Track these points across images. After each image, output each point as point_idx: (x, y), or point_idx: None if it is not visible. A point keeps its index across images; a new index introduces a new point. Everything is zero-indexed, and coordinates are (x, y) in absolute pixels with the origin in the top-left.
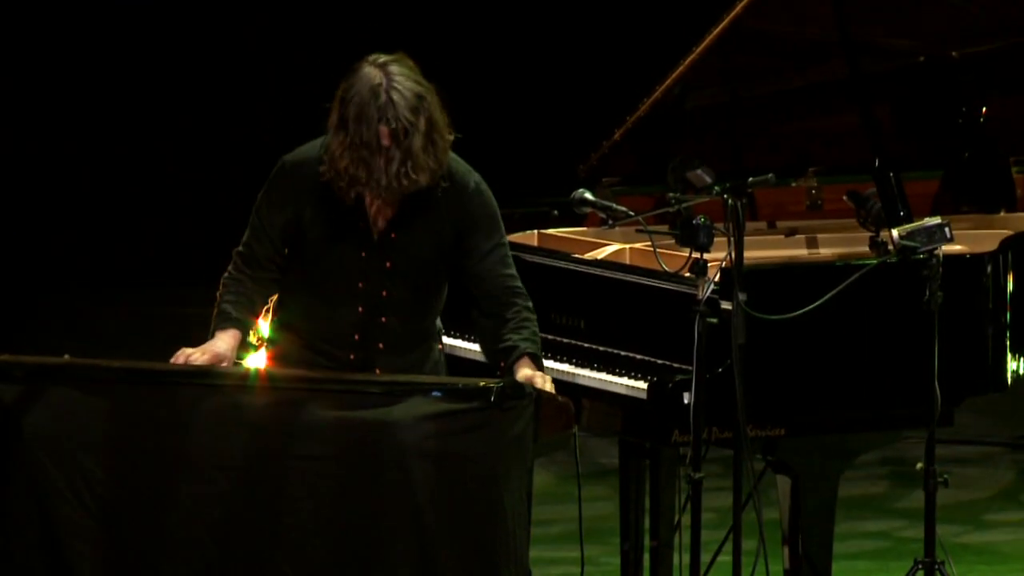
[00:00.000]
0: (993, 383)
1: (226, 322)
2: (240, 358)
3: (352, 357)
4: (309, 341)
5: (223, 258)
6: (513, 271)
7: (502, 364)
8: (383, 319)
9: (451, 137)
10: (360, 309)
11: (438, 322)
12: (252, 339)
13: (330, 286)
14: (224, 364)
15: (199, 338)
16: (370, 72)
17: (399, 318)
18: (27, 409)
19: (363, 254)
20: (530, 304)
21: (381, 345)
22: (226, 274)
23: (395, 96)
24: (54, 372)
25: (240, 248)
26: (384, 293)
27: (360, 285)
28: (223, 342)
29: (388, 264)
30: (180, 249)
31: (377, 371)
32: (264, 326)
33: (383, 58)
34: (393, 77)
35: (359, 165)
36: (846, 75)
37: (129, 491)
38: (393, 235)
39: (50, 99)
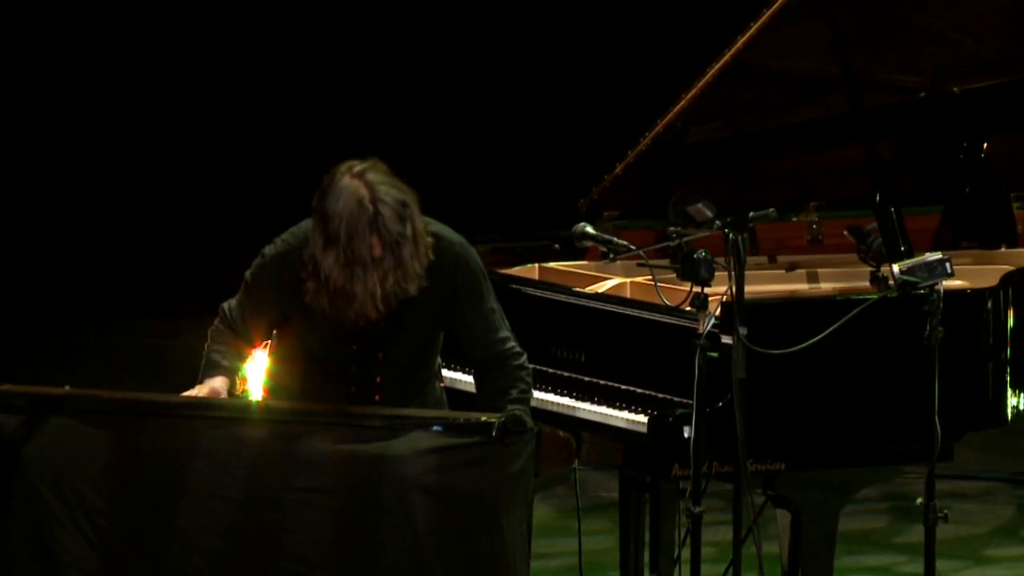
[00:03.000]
0: (993, 418)
1: (215, 369)
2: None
3: None
4: (307, 395)
5: (224, 291)
6: (502, 333)
7: None
8: (376, 397)
9: (430, 240)
10: (352, 390)
11: (438, 360)
12: (238, 388)
13: (323, 368)
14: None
15: (185, 371)
16: (351, 185)
17: (392, 392)
18: (28, 439)
19: (354, 347)
20: (522, 361)
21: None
22: (212, 327)
23: (382, 208)
24: (55, 403)
25: (227, 310)
26: (378, 379)
27: (352, 369)
28: (216, 382)
29: (380, 355)
30: (181, 282)
31: None
32: (254, 371)
33: (357, 166)
34: (376, 187)
35: (355, 282)
36: (847, 110)
37: (129, 522)
38: (384, 325)
39: (53, 131)
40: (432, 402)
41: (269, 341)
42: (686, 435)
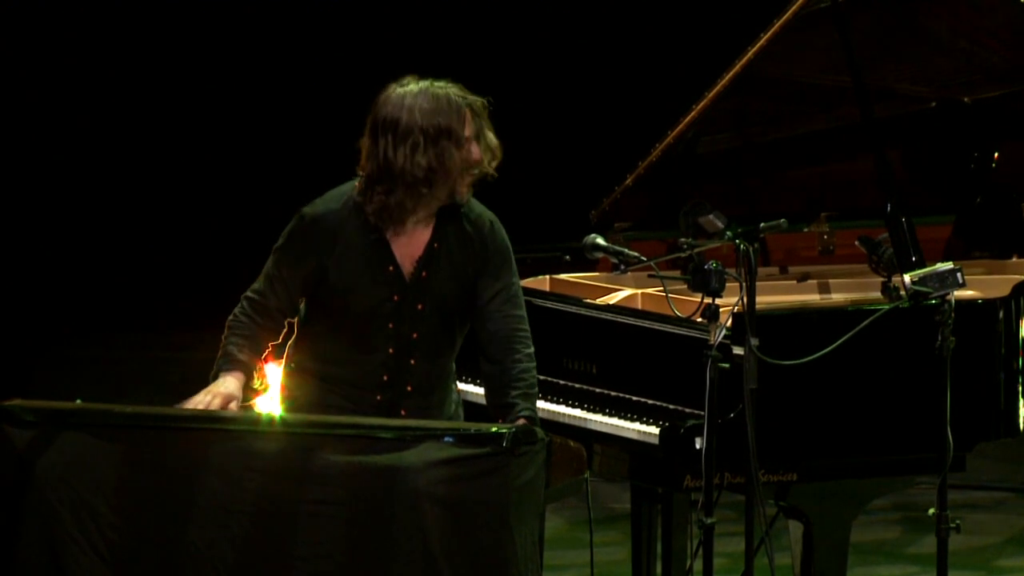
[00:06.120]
0: (1005, 428)
1: (231, 364)
2: (246, 400)
3: (379, 399)
4: (332, 385)
5: (232, 304)
6: (520, 312)
7: (500, 421)
8: (412, 361)
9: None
10: (391, 351)
11: (453, 364)
12: (256, 384)
13: (360, 330)
14: (233, 404)
15: (206, 383)
16: (410, 89)
17: (427, 359)
18: (39, 454)
19: (396, 298)
20: (531, 350)
21: (409, 387)
22: (232, 317)
23: (447, 86)
24: (66, 417)
25: (251, 294)
26: (415, 335)
27: (391, 326)
28: (230, 383)
29: (420, 306)
30: (193, 295)
31: (403, 412)
32: (269, 372)
33: (404, 79)
34: (424, 81)
35: (442, 157)
36: (858, 120)
37: (141, 535)
38: (424, 274)
39: (56, 145)
40: (453, 402)
41: (284, 351)
42: (698, 446)
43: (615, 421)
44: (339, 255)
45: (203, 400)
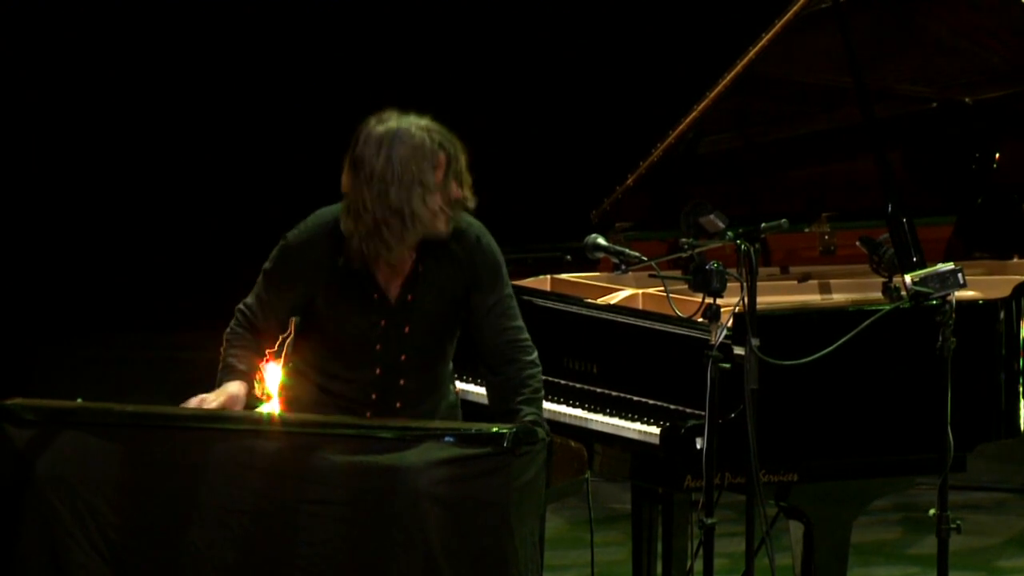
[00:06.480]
0: (1006, 429)
1: (233, 374)
2: (254, 406)
3: (369, 415)
4: (328, 395)
5: (233, 304)
6: (517, 323)
7: None
8: (401, 381)
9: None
10: (378, 371)
11: (450, 365)
12: (257, 391)
13: (348, 351)
14: (238, 407)
15: (209, 383)
16: (388, 124)
17: (416, 377)
18: (39, 453)
19: (382, 322)
20: (534, 356)
21: (399, 404)
22: (229, 330)
23: (429, 126)
24: (66, 416)
25: (244, 308)
26: (403, 357)
27: (378, 348)
28: (236, 387)
29: (407, 329)
30: (194, 294)
31: None
32: (269, 381)
33: (384, 115)
34: (404, 119)
35: (420, 202)
36: (859, 121)
37: (141, 535)
38: (410, 297)
39: (56, 145)
40: (447, 406)
41: (283, 351)
42: (698, 446)
43: (616, 421)
44: (324, 284)
45: (210, 398)
